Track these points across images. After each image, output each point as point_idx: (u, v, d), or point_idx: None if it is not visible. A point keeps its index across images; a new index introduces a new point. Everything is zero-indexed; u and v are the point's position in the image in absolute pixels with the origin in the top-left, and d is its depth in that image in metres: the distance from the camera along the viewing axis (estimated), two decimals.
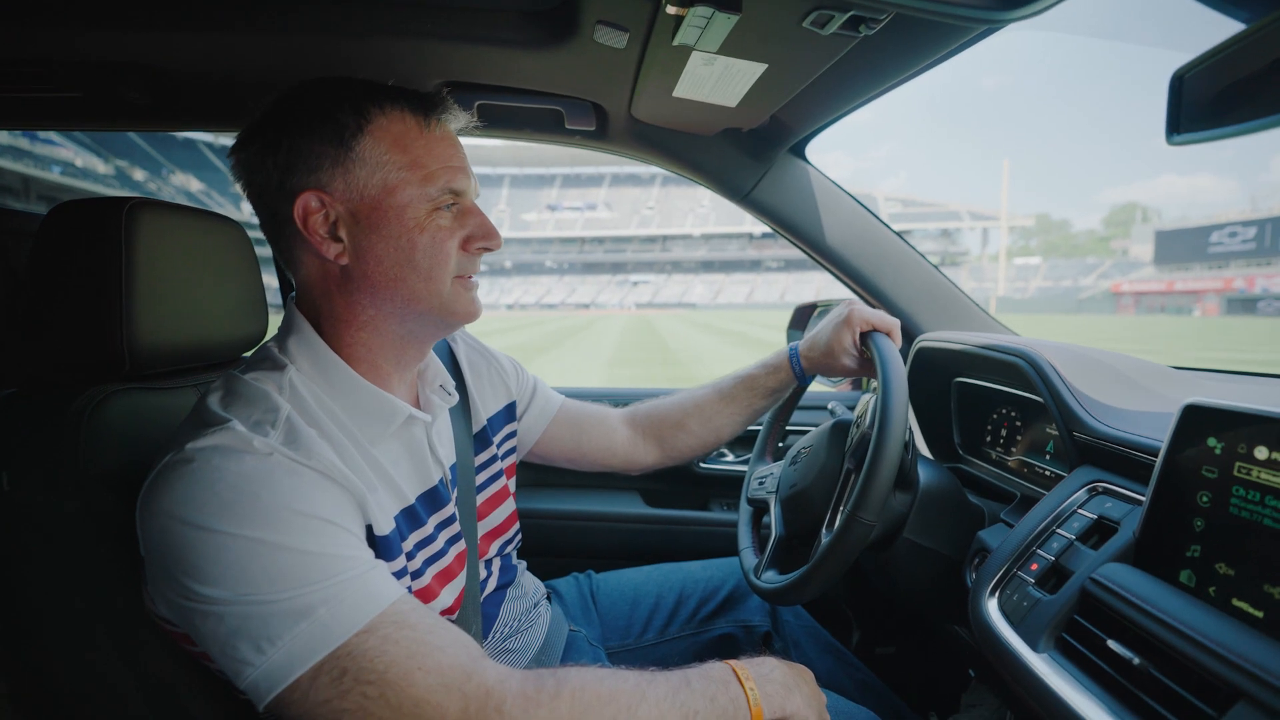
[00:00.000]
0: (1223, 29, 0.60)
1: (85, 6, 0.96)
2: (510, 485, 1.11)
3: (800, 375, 1.23)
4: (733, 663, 0.77)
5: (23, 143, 37.93)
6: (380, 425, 0.81)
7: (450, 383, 0.97)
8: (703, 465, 1.87)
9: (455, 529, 0.92)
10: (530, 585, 1.14)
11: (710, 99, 1.14)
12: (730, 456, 1.92)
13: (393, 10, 0.99)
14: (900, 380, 0.93)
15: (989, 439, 1.29)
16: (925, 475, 1.02)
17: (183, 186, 56.05)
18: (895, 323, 1.14)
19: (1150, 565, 0.71)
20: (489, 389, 1.12)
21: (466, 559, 0.93)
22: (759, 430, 1.38)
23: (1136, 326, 37.54)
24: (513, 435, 1.16)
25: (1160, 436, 0.73)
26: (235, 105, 1.29)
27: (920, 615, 1.50)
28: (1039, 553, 0.83)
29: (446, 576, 0.87)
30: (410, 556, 0.81)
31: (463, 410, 1.04)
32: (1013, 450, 1.22)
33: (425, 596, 0.81)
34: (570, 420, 1.26)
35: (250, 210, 0.83)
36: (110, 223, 0.81)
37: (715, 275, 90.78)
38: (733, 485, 1.89)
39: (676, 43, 0.88)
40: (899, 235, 1.49)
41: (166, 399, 0.89)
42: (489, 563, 1.03)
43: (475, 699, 0.64)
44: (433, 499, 0.88)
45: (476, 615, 0.94)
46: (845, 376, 1.24)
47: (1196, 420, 0.69)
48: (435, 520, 0.88)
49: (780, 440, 1.38)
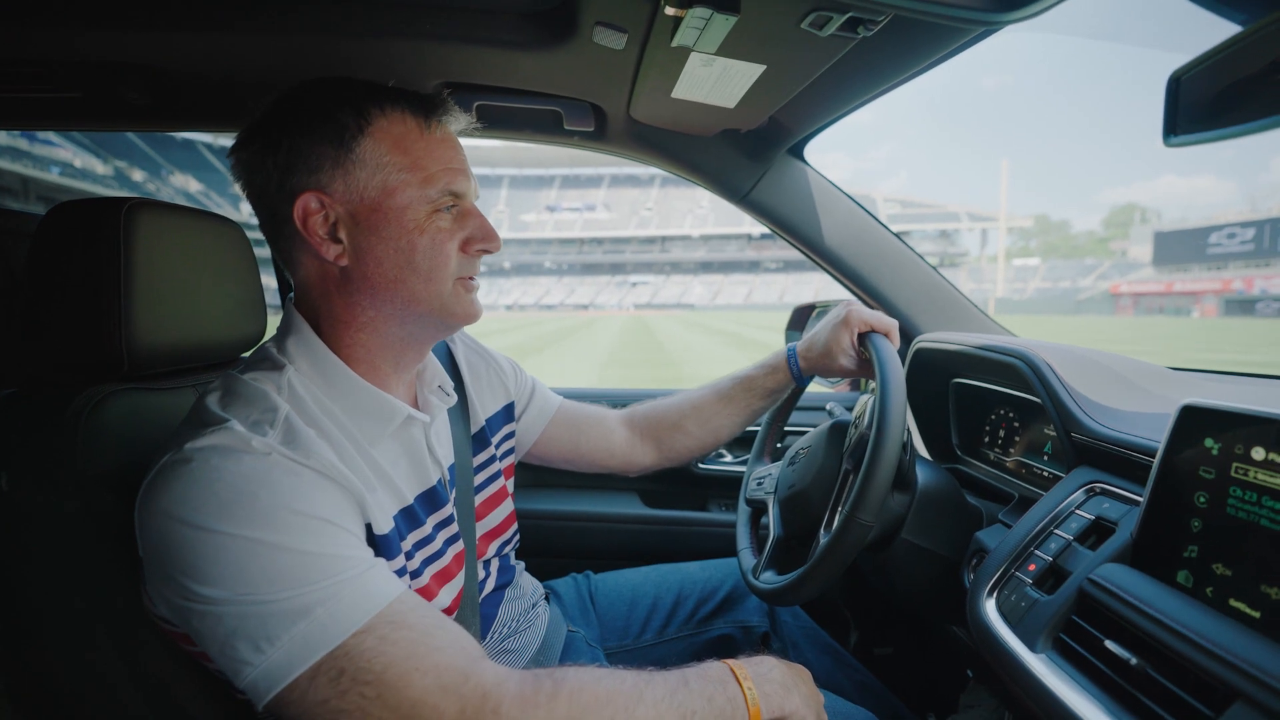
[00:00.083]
0: (1220, 31, 0.60)
1: (85, 7, 0.96)
2: (509, 486, 1.11)
3: (798, 376, 1.23)
4: (731, 662, 0.77)
5: (21, 143, 37.89)
6: (379, 426, 0.81)
7: (449, 383, 0.97)
8: (701, 466, 1.87)
9: (453, 529, 0.92)
10: (529, 586, 1.14)
11: (709, 100, 1.15)
12: (729, 457, 1.92)
13: (392, 11, 0.99)
14: (898, 381, 0.94)
15: (987, 440, 1.30)
16: (923, 476, 1.03)
17: (182, 187, 55.98)
18: (893, 323, 1.14)
19: (1148, 566, 0.71)
20: (487, 390, 1.12)
21: (465, 559, 0.93)
22: (757, 431, 1.38)
23: (1135, 327, 37.59)
24: (511, 436, 1.16)
25: (1158, 437, 0.73)
26: (235, 105, 1.29)
27: (918, 616, 1.50)
28: (1037, 553, 0.84)
29: (445, 577, 0.87)
30: (409, 556, 0.81)
31: (461, 411, 1.04)
32: (1010, 451, 1.22)
33: (424, 596, 0.81)
34: (568, 421, 1.26)
35: (249, 211, 0.83)
36: (109, 223, 0.81)
37: (714, 276, 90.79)
38: (731, 486, 1.89)
39: (675, 44, 0.89)
40: (897, 236, 1.49)
41: (165, 399, 0.89)
42: (487, 563, 1.03)
43: (472, 701, 0.64)
44: (431, 499, 0.88)
45: (475, 615, 0.94)
46: (843, 377, 1.24)
47: (1194, 421, 0.69)
48: (434, 520, 0.88)
49: (779, 441, 1.38)
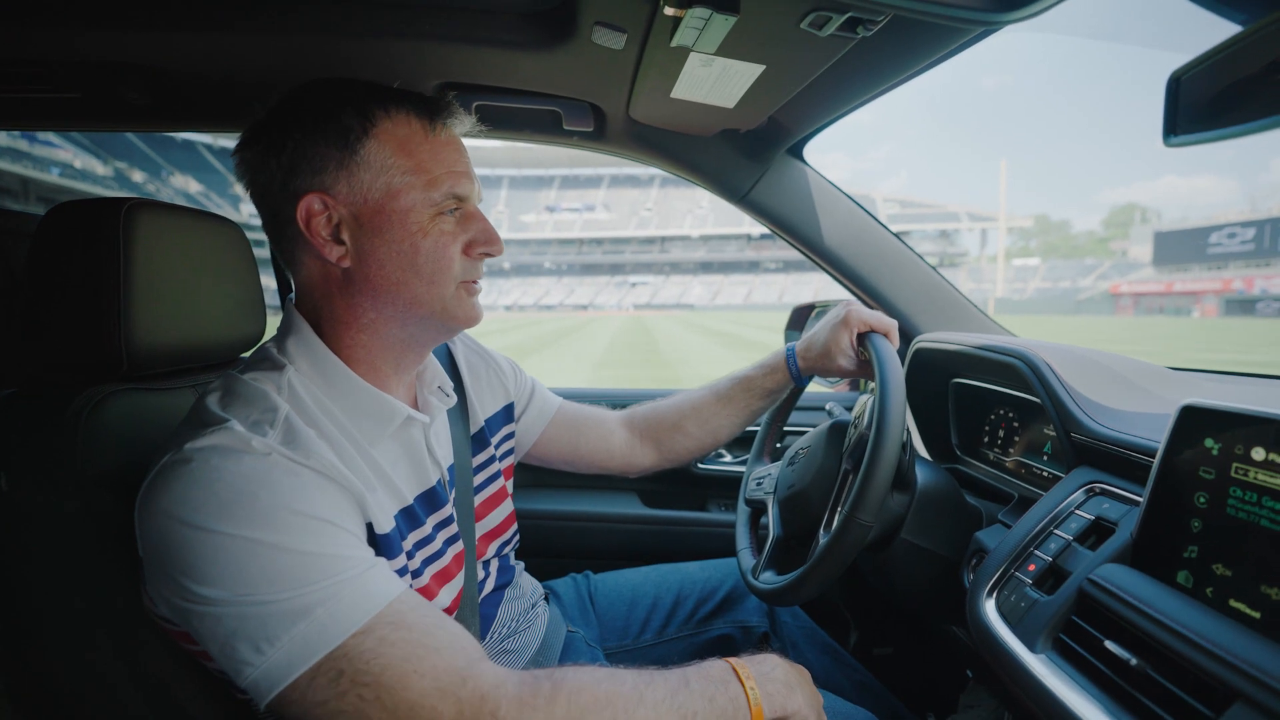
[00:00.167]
0: (1219, 31, 0.60)
1: (85, 7, 0.96)
2: (508, 486, 1.11)
3: (797, 376, 1.23)
4: (733, 661, 0.77)
5: (21, 144, 37.90)
6: (378, 426, 0.81)
7: (449, 384, 0.97)
8: (701, 466, 1.87)
9: (453, 529, 0.92)
10: (528, 586, 1.14)
11: (708, 100, 1.14)
12: (728, 457, 1.92)
13: (391, 11, 0.99)
14: (898, 381, 0.93)
15: (987, 440, 1.30)
16: (923, 476, 1.03)
17: (182, 188, 55.98)
18: (893, 323, 1.14)
19: (1147, 566, 0.71)
20: (487, 390, 1.12)
21: (465, 560, 0.93)
22: (757, 431, 1.38)
23: (1135, 327, 37.59)
24: (511, 436, 1.16)
25: (1158, 437, 0.73)
26: (235, 106, 1.29)
27: (918, 616, 1.50)
28: (1036, 553, 0.84)
29: (445, 577, 0.87)
30: (410, 556, 0.80)
31: (460, 411, 1.04)
32: (1010, 451, 1.22)
33: (424, 596, 0.81)
34: (568, 422, 1.26)
35: (249, 211, 0.83)
36: (108, 223, 0.81)
37: (713, 276, 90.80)
38: (730, 486, 1.89)
39: (674, 44, 0.89)
40: (897, 236, 1.49)
41: (164, 399, 0.89)
42: (487, 563, 1.03)
43: (470, 703, 0.64)
44: (431, 500, 0.88)
45: (474, 616, 0.94)
46: (842, 377, 1.24)
47: (1194, 421, 0.69)
48: (433, 521, 0.88)
49: (778, 441, 1.38)
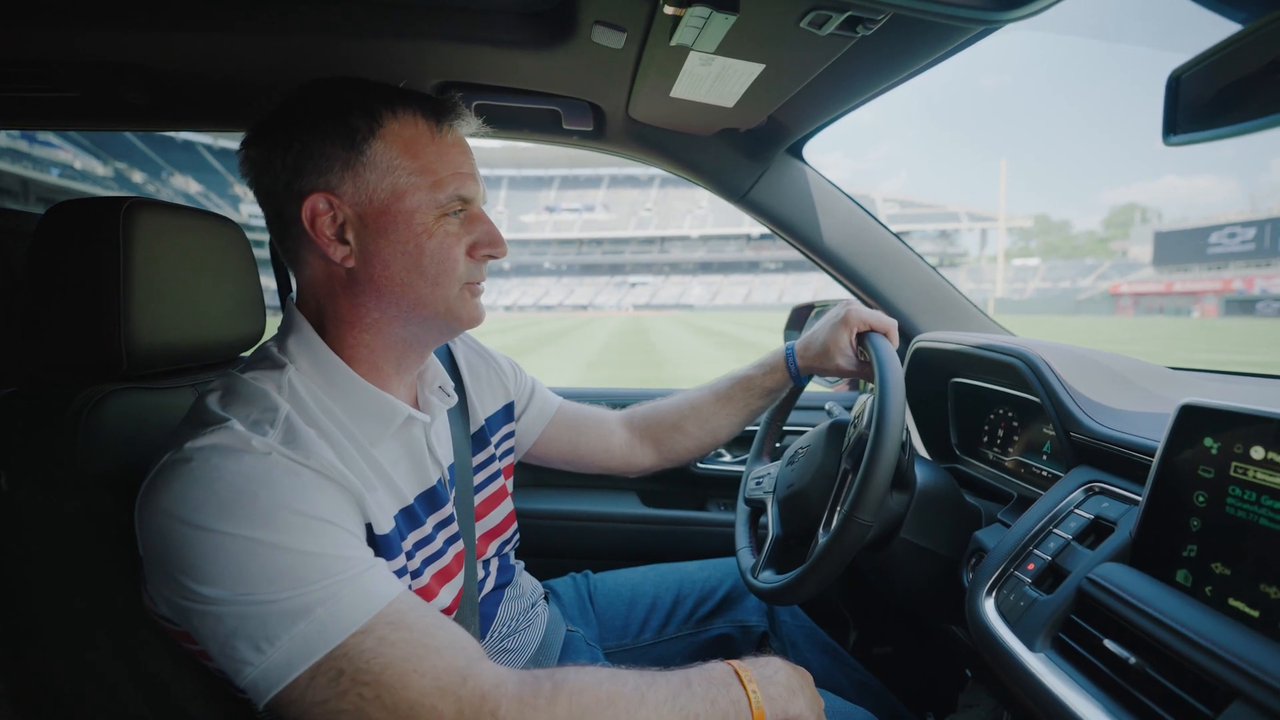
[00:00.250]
0: (1219, 30, 0.60)
1: (84, 6, 0.96)
2: (508, 485, 1.11)
3: (796, 376, 1.23)
4: (735, 663, 0.76)
5: (21, 145, 37.90)
6: (379, 426, 0.81)
7: (449, 384, 0.97)
8: (700, 465, 1.87)
9: (453, 529, 0.92)
10: (528, 585, 1.14)
11: (708, 99, 1.15)
12: (727, 457, 1.92)
13: (391, 11, 0.99)
14: (897, 381, 0.94)
15: (986, 439, 1.30)
16: (922, 475, 1.03)
17: (181, 188, 56.00)
18: (892, 323, 1.14)
19: (1147, 565, 0.71)
20: (487, 390, 1.12)
21: (465, 559, 0.93)
22: (756, 430, 1.38)
23: (1135, 328, 37.61)
24: (511, 436, 1.16)
25: (1157, 437, 0.73)
26: (234, 105, 1.29)
27: (917, 615, 1.50)
28: (1036, 553, 0.84)
29: (445, 576, 0.87)
30: (409, 556, 0.80)
31: (461, 411, 1.04)
32: (1010, 450, 1.23)
33: (424, 596, 0.81)
34: (568, 422, 1.26)
35: (249, 212, 0.83)
36: (108, 222, 0.81)
37: (713, 276, 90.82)
38: (730, 485, 1.89)
39: (674, 43, 0.89)
40: (896, 236, 1.49)
41: (164, 399, 0.89)
42: (487, 563, 1.03)
43: (470, 702, 0.64)
44: (431, 499, 0.88)
45: (474, 615, 0.94)
46: (841, 377, 1.24)
47: (1193, 420, 0.69)
48: (434, 520, 0.88)
49: (777, 440, 1.38)
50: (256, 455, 0.66)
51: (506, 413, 1.14)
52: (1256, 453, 0.62)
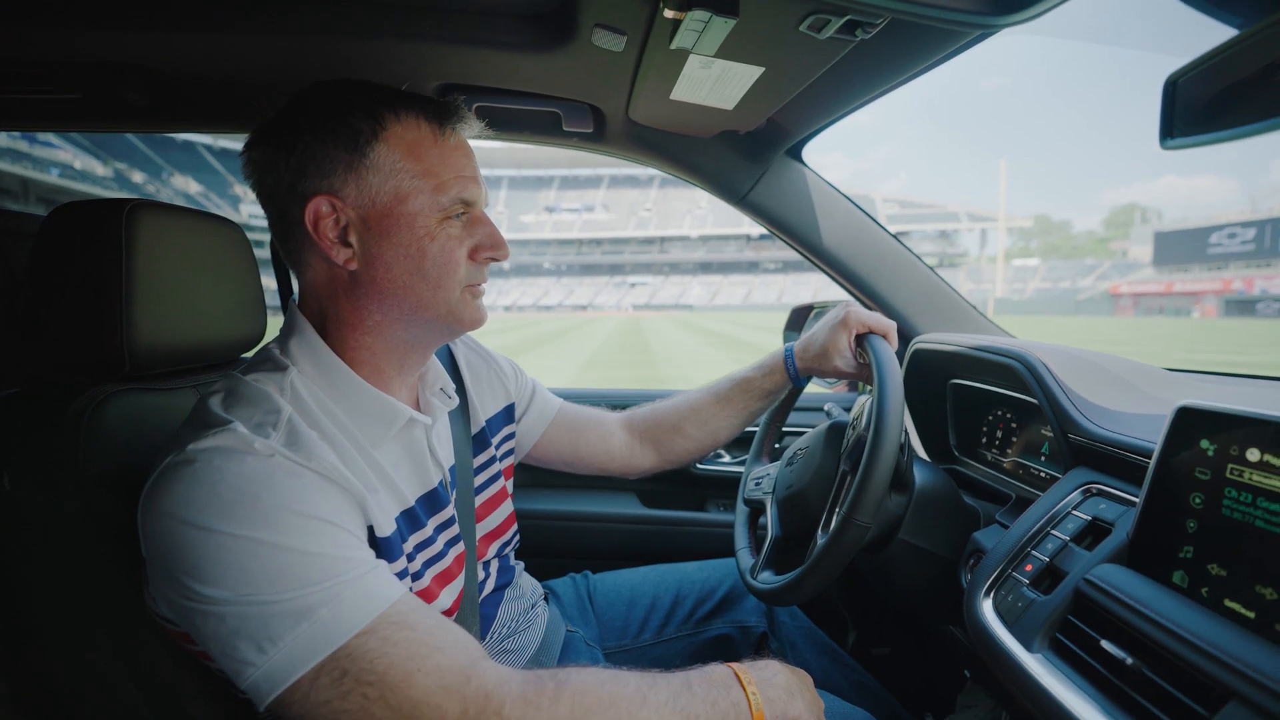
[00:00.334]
0: (1217, 34, 0.60)
1: (84, 7, 0.96)
2: (508, 486, 1.11)
3: (795, 377, 1.23)
4: (735, 666, 0.77)
5: (21, 145, 37.87)
6: (381, 428, 0.81)
7: (450, 385, 0.97)
8: (699, 466, 1.87)
9: (454, 531, 0.92)
10: (528, 586, 1.14)
11: (707, 102, 1.15)
12: (727, 457, 1.92)
13: (392, 13, 0.99)
14: (896, 383, 0.94)
15: (984, 440, 1.30)
16: (921, 477, 1.03)
17: (182, 189, 55.96)
18: (891, 325, 1.14)
19: (1143, 566, 0.71)
20: (488, 391, 1.12)
21: (465, 560, 0.93)
22: (756, 431, 1.38)
23: (1134, 328, 37.61)
24: (511, 437, 1.16)
25: (1154, 438, 0.73)
26: (235, 106, 1.29)
27: (916, 616, 1.50)
28: (1033, 554, 0.84)
29: (445, 578, 0.87)
30: (410, 558, 0.81)
31: (461, 412, 1.04)
32: (1008, 452, 1.23)
33: (424, 598, 0.81)
34: (568, 424, 1.26)
35: (249, 212, 0.84)
36: (110, 224, 0.82)
37: (713, 277, 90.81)
38: (729, 486, 1.89)
39: (674, 46, 0.89)
40: (895, 237, 1.50)
41: (165, 399, 0.89)
42: (487, 564, 1.03)
43: (474, 702, 0.64)
44: (432, 501, 0.89)
45: (475, 616, 0.94)
46: (840, 378, 1.24)
47: (1189, 422, 0.69)
48: (435, 522, 0.88)
49: (777, 441, 1.39)
50: (259, 457, 0.66)
51: (507, 414, 1.15)
52: (1252, 455, 0.63)
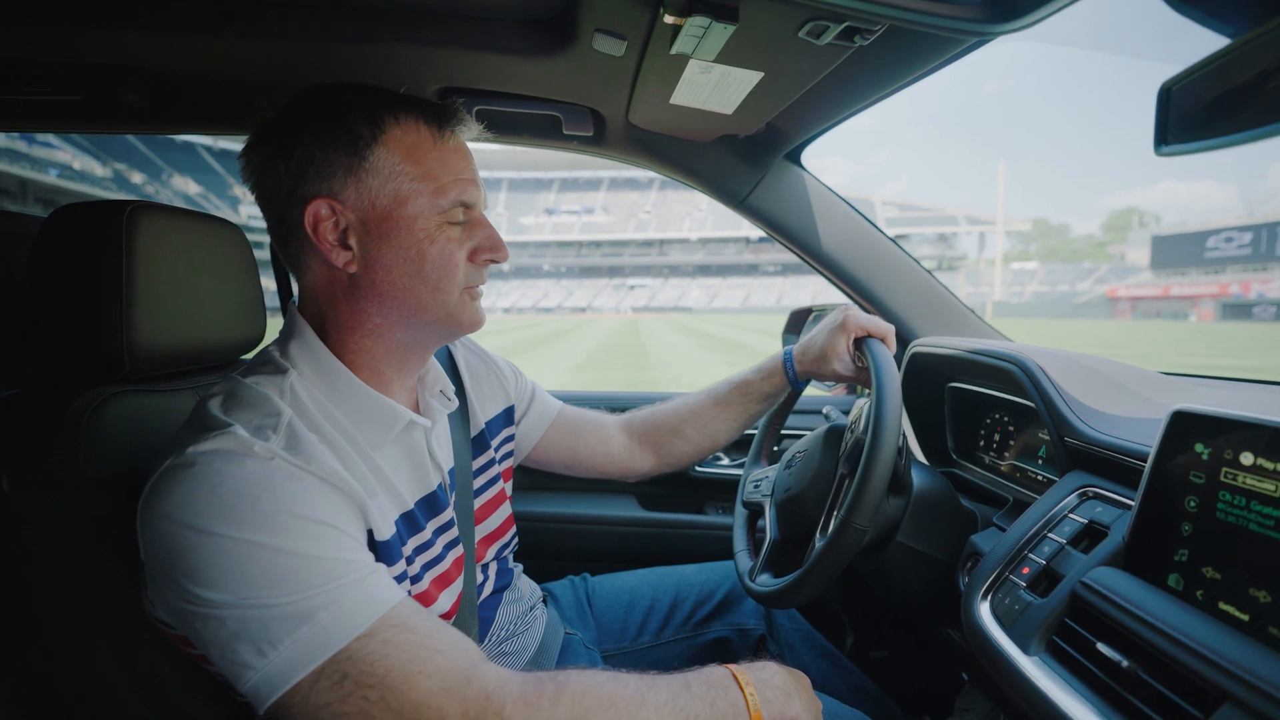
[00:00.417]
0: (1210, 42, 0.61)
1: (84, 8, 0.96)
2: (507, 489, 1.11)
3: (794, 380, 1.23)
4: (733, 667, 0.77)
5: (20, 145, 37.81)
6: (381, 431, 0.81)
7: (450, 388, 0.97)
8: (698, 469, 1.87)
9: (453, 534, 0.92)
10: (526, 588, 1.14)
11: (707, 106, 1.15)
12: (726, 460, 1.92)
13: (393, 16, 1.00)
14: (894, 386, 0.94)
15: (982, 444, 1.30)
16: (919, 480, 1.03)
17: (181, 190, 55.92)
18: (890, 328, 1.14)
19: (1139, 569, 0.71)
20: (487, 393, 1.12)
21: (464, 563, 0.93)
22: (755, 434, 1.39)
23: (1132, 331, 37.66)
24: (510, 439, 1.16)
25: (1150, 442, 0.74)
26: (234, 108, 1.29)
27: (913, 619, 1.51)
28: (1030, 556, 0.84)
29: (444, 581, 0.87)
30: (409, 561, 0.81)
31: (461, 414, 1.04)
32: (1005, 455, 1.23)
33: (423, 601, 0.81)
34: (567, 426, 1.26)
35: (248, 213, 0.84)
36: (111, 226, 0.82)
37: (712, 279, 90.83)
38: (728, 489, 1.89)
39: (674, 51, 0.89)
40: (893, 241, 1.50)
41: (165, 401, 0.90)
42: (486, 566, 1.04)
43: (475, 703, 0.64)
44: (431, 504, 0.89)
45: (473, 619, 0.94)
46: (839, 382, 1.24)
47: (1185, 426, 0.70)
48: (434, 525, 0.88)
49: (775, 444, 1.39)
50: (259, 460, 0.66)
51: (507, 416, 1.15)
52: (1246, 458, 0.63)
